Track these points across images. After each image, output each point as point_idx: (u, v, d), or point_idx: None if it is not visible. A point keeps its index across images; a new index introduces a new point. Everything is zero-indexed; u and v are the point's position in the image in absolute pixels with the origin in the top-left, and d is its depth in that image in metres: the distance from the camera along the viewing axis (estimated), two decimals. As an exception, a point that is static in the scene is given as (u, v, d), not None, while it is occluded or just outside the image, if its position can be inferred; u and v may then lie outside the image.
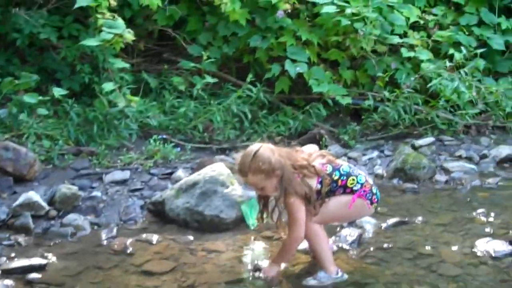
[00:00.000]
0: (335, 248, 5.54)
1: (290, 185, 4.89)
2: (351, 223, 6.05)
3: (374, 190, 5.18)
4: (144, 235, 5.85)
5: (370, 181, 5.23)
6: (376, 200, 5.21)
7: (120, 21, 7.40)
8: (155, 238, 5.80)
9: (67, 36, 8.28)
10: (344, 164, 5.20)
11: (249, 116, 8.22)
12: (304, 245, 5.46)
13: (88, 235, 5.94)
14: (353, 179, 5.08)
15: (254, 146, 5.01)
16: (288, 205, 4.95)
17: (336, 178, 5.04)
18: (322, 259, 5.10)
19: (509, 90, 8.78)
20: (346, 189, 5.08)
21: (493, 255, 5.44)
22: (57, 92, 7.36)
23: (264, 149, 4.92)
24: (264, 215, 5.25)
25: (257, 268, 5.17)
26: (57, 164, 7.10)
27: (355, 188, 5.07)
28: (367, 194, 5.12)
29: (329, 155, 5.23)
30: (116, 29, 7.31)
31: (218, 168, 6.38)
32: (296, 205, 4.93)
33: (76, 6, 7.44)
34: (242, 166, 4.94)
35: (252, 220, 5.86)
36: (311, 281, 5.02)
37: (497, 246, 5.53)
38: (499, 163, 7.88)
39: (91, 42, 7.39)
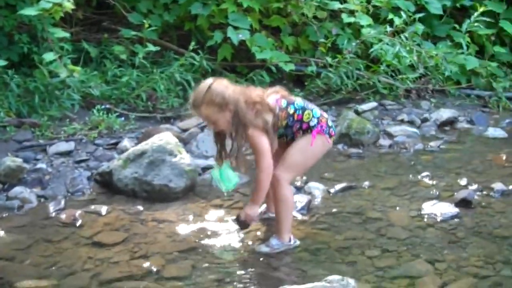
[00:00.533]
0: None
1: (245, 118, 4.86)
2: (300, 189, 6.11)
3: (330, 123, 5.16)
4: (92, 207, 5.78)
5: (325, 114, 5.21)
6: (333, 133, 5.20)
7: (58, -11, 7.25)
8: (104, 209, 5.73)
9: (4, 5, 8.03)
10: (298, 99, 5.19)
11: (192, 84, 8.14)
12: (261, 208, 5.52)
13: (36, 208, 5.84)
14: (309, 113, 5.05)
15: (208, 80, 4.97)
16: (249, 138, 4.91)
17: (291, 112, 5.03)
18: (281, 226, 5.10)
19: (448, 54, 8.90)
20: (303, 124, 5.04)
21: (440, 217, 5.56)
22: (-4, 62, 7.20)
23: (218, 83, 4.91)
24: (222, 155, 5.22)
25: (237, 217, 5.13)
26: (-1, 136, 6.97)
27: (312, 123, 5.04)
28: (325, 129, 5.09)
29: (282, 91, 5.18)
30: (54, -2, 7.15)
31: (165, 137, 6.34)
32: (256, 136, 4.90)
33: (13, -26, 7.26)
34: (195, 98, 4.88)
35: (224, 185, 5.69)
36: (263, 248, 5.04)
37: (443, 209, 5.65)
38: (440, 126, 8.06)
39: (29, 11, 7.20)
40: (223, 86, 4.90)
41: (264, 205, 5.56)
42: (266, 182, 4.98)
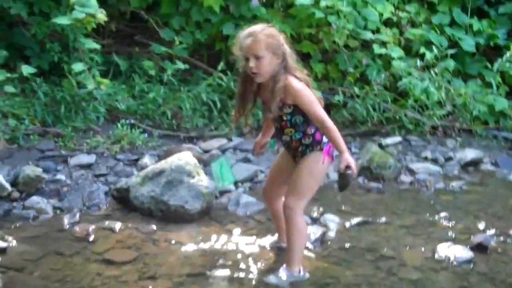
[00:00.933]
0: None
1: (293, 69, 4.75)
2: (315, 221, 6.08)
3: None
4: (107, 222, 5.80)
5: None
6: (333, 156, 5.09)
7: (93, 0, 7.31)
8: (118, 226, 5.76)
9: (38, 12, 8.12)
10: None
11: (219, 105, 8.18)
12: (270, 239, 5.52)
13: (51, 219, 5.89)
14: None
15: (264, 24, 4.85)
16: (295, 93, 4.72)
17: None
18: (292, 257, 5.02)
19: (477, 93, 8.83)
20: (316, 134, 4.92)
21: (454, 260, 5.48)
22: (26, 69, 7.28)
23: (276, 30, 4.81)
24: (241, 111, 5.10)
25: (340, 174, 4.80)
26: (22, 144, 7.03)
27: (325, 139, 4.93)
28: (332, 150, 5.01)
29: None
30: (88, 8, 7.23)
31: (185, 157, 6.34)
32: (306, 89, 4.75)
33: (49, -17, 7.35)
34: (252, 30, 4.71)
35: (221, 180, 5.59)
36: (273, 279, 5.00)
37: (458, 252, 5.57)
38: (464, 167, 7.97)
39: (62, 20, 7.30)
40: (283, 37, 4.79)
41: (276, 235, 5.53)
42: (335, 128, 4.76)
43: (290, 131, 4.94)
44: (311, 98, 4.77)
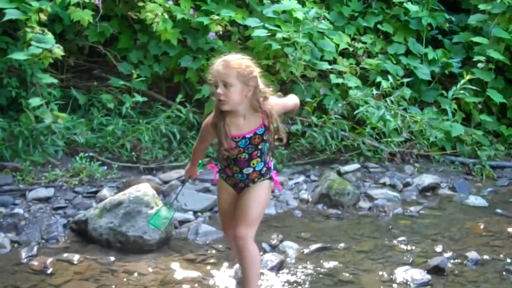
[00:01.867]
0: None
1: (266, 92, 4.81)
2: (274, 248, 6.11)
3: None
4: (65, 255, 5.78)
5: None
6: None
7: (49, 36, 7.35)
8: (76, 258, 5.73)
9: (-5, 48, 8.13)
10: None
11: (178, 136, 8.20)
12: (231, 269, 5.52)
13: (8, 253, 5.84)
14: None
15: (242, 55, 4.90)
16: (270, 104, 4.83)
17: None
18: (248, 284, 4.97)
19: (434, 120, 8.96)
20: (269, 163, 5.02)
21: (411, 283, 5.54)
22: (-18, 105, 7.26)
23: (253, 62, 4.82)
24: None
25: None
26: (-21, 179, 6.98)
27: (271, 165, 5.05)
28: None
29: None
30: (45, 44, 7.25)
31: (143, 188, 6.36)
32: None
33: (5, 18, 7.36)
34: (228, 58, 4.72)
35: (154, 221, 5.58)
36: (231, 306, 5.02)
37: (415, 275, 5.63)
38: (422, 192, 8.06)
39: (19, 56, 7.30)
40: (256, 68, 4.80)
41: (226, 267, 5.55)
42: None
43: (257, 161, 4.95)
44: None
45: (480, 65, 9.61)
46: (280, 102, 5.01)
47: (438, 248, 6.32)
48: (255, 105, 4.74)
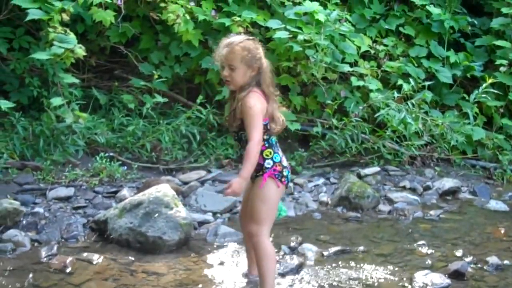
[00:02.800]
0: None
1: (265, 83, 4.93)
2: (293, 250, 6.10)
3: (285, 173, 5.07)
4: (85, 254, 5.79)
5: (285, 163, 5.12)
6: (285, 182, 5.09)
7: (72, 36, 7.37)
8: (95, 257, 5.74)
9: (18, 48, 8.16)
10: (275, 137, 5.15)
11: (198, 137, 8.22)
12: (243, 268, 5.52)
13: (28, 252, 5.87)
14: (270, 152, 5.01)
15: (245, 36, 5.08)
16: (245, 109, 4.84)
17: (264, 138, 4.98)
18: (263, 281, 5.02)
19: (455, 123, 8.92)
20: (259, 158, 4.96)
21: (431, 287, 5.50)
22: (4, 104, 7.25)
23: (255, 42, 5.00)
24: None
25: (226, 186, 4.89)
26: (0, 177, 7.00)
27: (266, 165, 4.98)
28: (277, 174, 5.01)
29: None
30: (67, 44, 7.27)
31: (163, 189, 6.36)
32: (256, 105, 4.85)
33: (28, 18, 7.40)
34: (230, 41, 4.93)
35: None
36: (249, 307, 5.02)
37: (435, 279, 5.59)
38: (442, 195, 8.03)
39: (41, 55, 7.33)
40: (262, 50, 5.00)
41: (246, 268, 5.56)
42: (256, 154, 4.84)
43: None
44: (254, 121, 4.83)
45: (502, 68, 9.56)
46: (249, 119, 4.84)
47: (458, 253, 6.27)
48: (247, 84, 4.90)
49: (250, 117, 4.84)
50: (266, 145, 4.99)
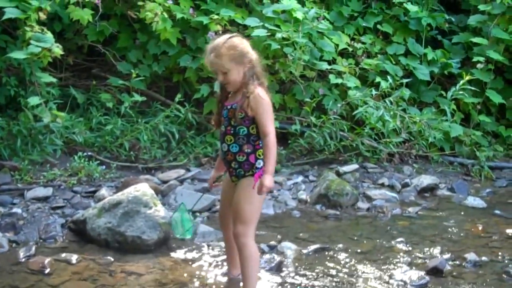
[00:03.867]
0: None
1: (261, 75, 4.94)
2: (273, 248, 6.11)
3: None
4: (63, 255, 5.76)
5: None
6: None
7: (49, 35, 7.33)
8: (74, 258, 5.72)
9: (-6, 47, 8.13)
10: None
11: (177, 136, 8.21)
12: (223, 268, 5.54)
13: (6, 253, 5.83)
14: (261, 153, 4.97)
15: (228, 34, 5.01)
16: (260, 101, 4.82)
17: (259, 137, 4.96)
18: (247, 282, 5.02)
19: (433, 120, 8.96)
20: (250, 156, 4.95)
21: (410, 285, 5.53)
22: (-19, 104, 7.25)
23: (242, 39, 4.97)
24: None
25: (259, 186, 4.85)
26: (-23, 178, 6.97)
27: (257, 165, 4.96)
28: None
29: None
30: (44, 43, 7.23)
31: (142, 188, 6.34)
32: (269, 101, 4.89)
33: (5, 17, 7.34)
34: (215, 45, 4.87)
35: (181, 231, 5.63)
36: (229, 306, 5.02)
37: (414, 276, 5.62)
38: (420, 192, 8.08)
39: (18, 54, 7.29)
40: (246, 43, 4.96)
41: (226, 267, 5.56)
42: (275, 145, 4.88)
43: (230, 139, 4.97)
44: (270, 112, 4.89)
45: (479, 65, 9.62)
46: (265, 112, 4.85)
47: (437, 250, 6.31)
48: (246, 79, 4.86)
49: (264, 110, 4.85)
50: (260, 144, 4.96)
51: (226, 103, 5.03)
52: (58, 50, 7.29)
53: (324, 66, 8.94)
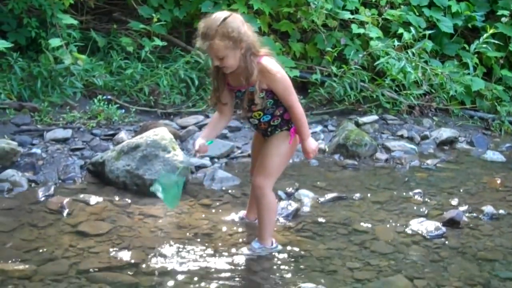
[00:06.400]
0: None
1: (259, 48, 4.75)
2: (290, 196, 6.12)
3: None
4: (81, 195, 5.80)
5: None
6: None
7: (71, -23, 7.30)
8: (92, 199, 5.75)
9: (16, -12, 8.09)
10: None
11: (196, 82, 8.18)
12: (240, 212, 5.58)
13: (25, 192, 5.88)
14: None
15: (222, 13, 4.69)
16: (272, 78, 4.73)
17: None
18: (263, 230, 5.06)
19: (454, 73, 8.88)
20: (285, 114, 4.93)
21: (426, 235, 5.54)
22: (2, 44, 7.18)
23: (234, 17, 4.65)
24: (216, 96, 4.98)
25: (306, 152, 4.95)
26: (-3, 118, 7.01)
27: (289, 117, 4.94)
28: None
29: None
30: (66, -16, 7.20)
31: (161, 132, 6.34)
32: (281, 72, 4.78)
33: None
34: (208, 29, 4.55)
35: (169, 200, 5.57)
36: (245, 250, 5.03)
37: (430, 227, 5.63)
38: (439, 145, 8.07)
39: (39, -5, 7.27)
40: (239, 21, 4.66)
41: (243, 211, 5.60)
42: (303, 114, 4.88)
43: (259, 114, 4.93)
44: (286, 84, 4.79)
45: (503, 19, 9.49)
46: (281, 86, 4.78)
47: (454, 202, 6.32)
48: (247, 62, 4.68)
49: (279, 83, 4.76)
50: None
51: (234, 85, 4.88)
52: (79, -8, 7.26)
53: (347, 15, 8.87)
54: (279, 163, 5.00)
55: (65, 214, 5.50)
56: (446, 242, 5.49)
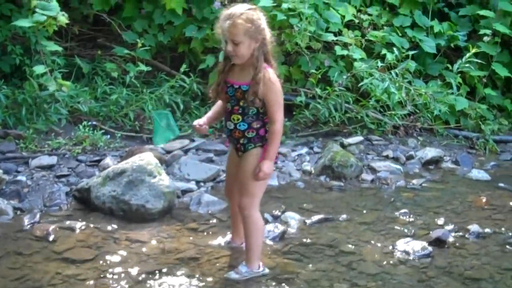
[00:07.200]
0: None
1: (270, 56, 4.79)
2: (276, 218, 6.13)
3: None
4: (67, 222, 5.79)
5: None
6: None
7: (54, 3, 7.30)
8: (78, 225, 5.74)
9: (-1, 15, 8.11)
10: None
11: (181, 106, 8.20)
12: (226, 236, 5.58)
13: (11, 220, 5.85)
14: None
15: (247, 5, 4.80)
16: (271, 87, 4.75)
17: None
18: (250, 252, 5.06)
19: (438, 93, 8.94)
20: (260, 130, 4.92)
21: (413, 255, 5.56)
22: (-14, 72, 7.25)
23: (258, 12, 4.75)
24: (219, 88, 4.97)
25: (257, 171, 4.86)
26: (-18, 146, 6.98)
27: (267, 136, 4.91)
28: None
29: None
30: (50, 11, 7.21)
31: (146, 157, 6.34)
32: (279, 86, 4.81)
33: (9, -14, 7.33)
34: (232, 13, 4.63)
35: (158, 137, 5.53)
36: (233, 275, 5.03)
37: (417, 247, 5.65)
38: (425, 165, 8.08)
39: (23, 23, 7.27)
40: (264, 19, 4.78)
41: (229, 235, 5.59)
42: (280, 134, 4.90)
43: (238, 118, 4.91)
44: (279, 99, 4.82)
45: (485, 38, 9.59)
46: (274, 97, 4.78)
47: (440, 221, 6.34)
48: (256, 58, 4.72)
49: (274, 97, 4.78)
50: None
51: (230, 79, 4.90)
52: (63, 18, 7.27)
53: (330, 37, 8.91)
54: (258, 183, 4.97)
55: (51, 241, 5.47)
56: (433, 262, 5.51)
